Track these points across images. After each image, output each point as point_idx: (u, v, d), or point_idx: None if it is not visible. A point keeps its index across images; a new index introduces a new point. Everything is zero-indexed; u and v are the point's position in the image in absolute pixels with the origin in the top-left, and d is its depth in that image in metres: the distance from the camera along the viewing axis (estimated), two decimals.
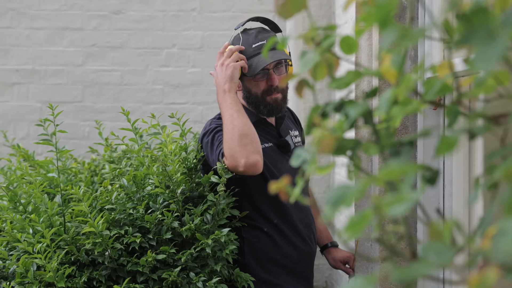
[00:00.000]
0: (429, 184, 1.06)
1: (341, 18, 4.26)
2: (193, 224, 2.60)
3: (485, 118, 1.01)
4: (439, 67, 1.11)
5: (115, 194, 2.69)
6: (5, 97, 4.86)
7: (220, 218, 2.67)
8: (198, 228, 2.63)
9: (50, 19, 4.87)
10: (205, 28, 4.85)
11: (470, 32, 0.78)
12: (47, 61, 4.87)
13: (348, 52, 1.15)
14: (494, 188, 0.97)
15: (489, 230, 0.86)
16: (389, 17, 0.90)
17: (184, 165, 2.77)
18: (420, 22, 2.59)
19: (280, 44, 1.24)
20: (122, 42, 4.88)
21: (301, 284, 2.93)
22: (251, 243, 2.83)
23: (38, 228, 2.57)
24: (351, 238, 0.88)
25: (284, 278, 2.87)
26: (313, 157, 1.05)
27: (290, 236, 2.88)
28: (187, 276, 2.59)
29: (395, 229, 1.08)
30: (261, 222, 2.84)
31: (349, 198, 0.89)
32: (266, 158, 2.83)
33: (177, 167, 2.71)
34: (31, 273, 2.49)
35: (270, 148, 2.91)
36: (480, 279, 0.77)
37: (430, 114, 2.58)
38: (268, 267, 2.84)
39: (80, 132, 4.86)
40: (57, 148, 2.75)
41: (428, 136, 1.08)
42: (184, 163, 2.77)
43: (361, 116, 1.13)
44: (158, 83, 4.88)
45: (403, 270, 0.82)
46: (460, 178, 2.45)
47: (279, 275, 2.86)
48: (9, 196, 2.73)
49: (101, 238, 2.54)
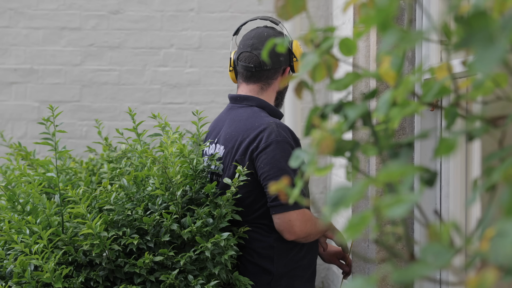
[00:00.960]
0: (427, 185, 1.07)
1: (338, 19, 4.27)
2: (194, 227, 2.59)
3: (483, 120, 1.02)
4: (438, 69, 1.12)
5: (114, 194, 2.69)
6: (3, 96, 4.86)
7: (222, 221, 2.66)
8: (199, 231, 2.63)
9: (48, 18, 4.87)
10: (203, 28, 4.86)
11: (469, 35, 0.78)
12: (45, 61, 4.87)
13: (347, 54, 1.16)
14: (492, 190, 0.98)
15: (487, 232, 0.87)
16: (389, 19, 0.90)
17: (190, 167, 2.75)
18: (418, 24, 2.60)
19: (280, 46, 1.24)
20: (120, 42, 4.88)
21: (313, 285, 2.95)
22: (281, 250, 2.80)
23: (35, 229, 2.57)
24: (350, 239, 0.88)
25: (305, 282, 2.87)
26: (313, 158, 1.05)
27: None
28: (185, 279, 2.59)
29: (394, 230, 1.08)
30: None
31: (349, 199, 0.90)
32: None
33: (178, 169, 2.71)
34: (28, 273, 2.49)
35: None
36: (478, 280, 0.78)
37: (427, 115, 2.59)
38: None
39: (78, 132, 4.86)
40: (56, 148, 2.75)
41: (426, 138, 1.08)
42: (191, 164, 2.76)
43: (360, 118, 1.14)
44: (156, 83, 4.88)
45: (402, 271, 0.83)
46: (457, 180, 2.45)
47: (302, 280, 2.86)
48: (8, 195, 2.73)
49: (99, 240, 2.54)
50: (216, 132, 2.93)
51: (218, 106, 4.77)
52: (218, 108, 4.72)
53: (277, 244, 2.76)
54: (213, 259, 2.62)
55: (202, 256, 2.60)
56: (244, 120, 2.82)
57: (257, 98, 2.89)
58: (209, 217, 2.65)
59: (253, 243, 2.77)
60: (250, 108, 2.87)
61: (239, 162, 2.73)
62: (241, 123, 2.81)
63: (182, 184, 2.71)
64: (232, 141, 2.79)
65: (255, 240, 2.77)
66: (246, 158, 2.73)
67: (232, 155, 2.78)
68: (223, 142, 2.84)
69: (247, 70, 2.90)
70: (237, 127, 2.81)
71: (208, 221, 2.64)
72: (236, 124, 2.83)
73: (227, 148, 2.81)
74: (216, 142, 2.89)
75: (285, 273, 2.78)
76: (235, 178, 2.67)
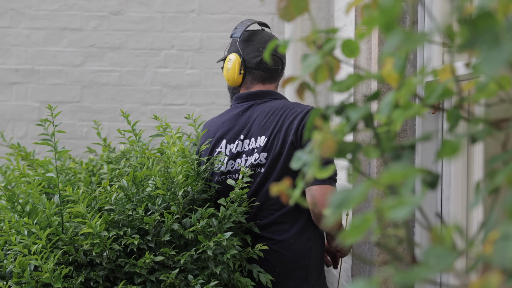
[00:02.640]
0: (429, 188, 1.06)
1: (340, 21, 4.26)
2: (199, 226, 2.59)
3: (487, 122, 1.01)
4: (441, 71, 1.11)
5: (115, 195, 2.69)
6: (3, 96, 4.85)
7: (226, 222, 2.66)
8: (203, 231, 2.63)
9: (49, 19, 4.87)
10: (203, 29, 4.85)
11: (474, 36, 0.78)
12: (46, 61, 4.87)
13: (349, 56, 1.15)
14: (495, 193, 0.97)
15: (491, 235, 0.86)
16: (393, 20, 0.90)
17: (192, 167, 2.76)
18: (420, 26, 2.59)
19: (282, 47, 1.24)
20: (121, 42, 4.88)
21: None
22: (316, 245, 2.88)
23: (33, 229, 2.56)
24: (352, 242, 0.88)
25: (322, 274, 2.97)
26: (314, 160, 1.05)
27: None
28: (185, 279, 2.58)
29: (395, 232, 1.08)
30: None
31: (352, 201, 0.89)
32: None
33: (179, 169, 2.71)
34: (27, 273, 2.49)
35: None
36: (482, 284, 0.77)
37: (428, 118, 2.59)
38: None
39: (78, 132, 4.85)
40: (56, 148, 2.74)
41: (429, 140, 1.08)
42: (193, 164, 2.77)
43: (362, 119, 1.13)
44: (156, 84, 4.87)
45: (404, 274, 0.82)
46: (459, 183, 2.45)
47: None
48: (7, 195, 2.73)
49: (99, 239, 2.54)
50: (237, 129, 2.98)
51: (218, 108, 4.77)
52: (218, 109, 4.72)
53: (313, 235, 2.84)
54: (215, 259, 2.61)
55: (204, 256, 2.60)
56: (283, 108, 2.92)
57: (278, 92, 3.05)
58: (211, 219, 2.65)
59: (290, 238, 2.83)
60: (279, 100, 2.99)
61: (294, 143, 2.82)
62: (281, 111, 2.91)
63: (183, 184, 2.71)
64: (277, 127, 2.87)
65: (292, 235, 2.83)
66: (297, 136, 2.83)
67: (282, 138, 2.85)
68: (261, 133, 2.91)
69: (271, 72, 3.02)
70: (278, 114, 2.90)
71: (213, 222, 2.64)
72: (274, 113, 2.92)
73: (272, 135, 2.88)
74: (243, 138, 2.95)
75: (315, 265, 2.87)
76: (239, 180, 2.72)
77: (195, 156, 2.80)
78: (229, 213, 2.66)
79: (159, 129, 2.90)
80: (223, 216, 2.65)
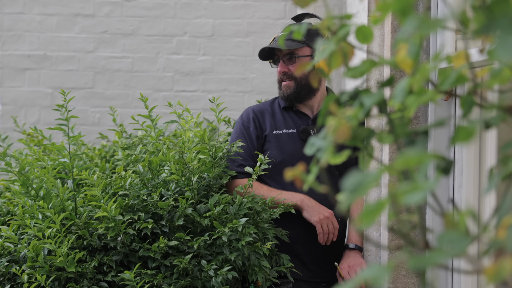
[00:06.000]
0: (443, 174, 1.06)
1: (352, 8, 4.25)
2: (215, 211, 2.60)
3: (501, 108, 1.02)
4: (455, 57, 1.11)
5: (129, 180, 2.70)
6: (16, 82, 4.87)
7: (241, 208, 2.68)
8: (219, 217, 2.64)
9: (62, 5, 4.87)
10: (216, 16, 4.85)
11: (490, 22, 0.78)
12: (59, 47, 4.88)
13: (363, 42, 1.15)
14: (509, 179, 0.97)
15: (504, 220, 0.87)
16: (409, 5, 0.90)
17: (210, 153, 2.77)
18: (433, 12, 2.58)
19: (296, 33, 1.24)
20: (134, 29, 4.88)
21: None
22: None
23: (47, 213, 2.58)
24: (366, 226, 0.88)
25: None
26: (329, 145, 1.05)
27: None
28: (199, 264, 2.59)
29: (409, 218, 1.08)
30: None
31: (366, 186, 0.90)
32: (283, 143, 2.99)
33: (194, 155, 2.72)
34: (41, 258, 2.51)
35: (290, 134, 3.01)
36: (496, 269, 0.78)
37: (441, 104, 2.58)
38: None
39: (91, 118, 4.87)
40: (69, 133, 2.76)
41: (443, 126, 1.08)
42: (211, 150, 2.77)
43: (376, 105, 1.13)
44: (169, 70, 4.88)
45: (419, 258, 0.83)
46: (471, 169, 2.45)
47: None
48: (21, 180, 2.75)
49: (114, 223, 2.55)
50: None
51: (230, 95, 4.77)
52: (230, 96, 4.72)
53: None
54: (230, 245, 2.62)
55: (219, 242, 2.60)
56: None
57: None
58: (228, 206, 2.66)
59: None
60: None
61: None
62: None
63: (198, 170, 2.71)
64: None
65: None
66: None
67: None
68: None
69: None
70: None
71: (230, 208, 2.66)
72: None
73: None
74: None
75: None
76: (256, 167, 2.78)
77: (214, 142, 2.81)
78: (246, 200, 2.67)
79: (176, 114, 2.90)
80: (239, 203, 2.67)
